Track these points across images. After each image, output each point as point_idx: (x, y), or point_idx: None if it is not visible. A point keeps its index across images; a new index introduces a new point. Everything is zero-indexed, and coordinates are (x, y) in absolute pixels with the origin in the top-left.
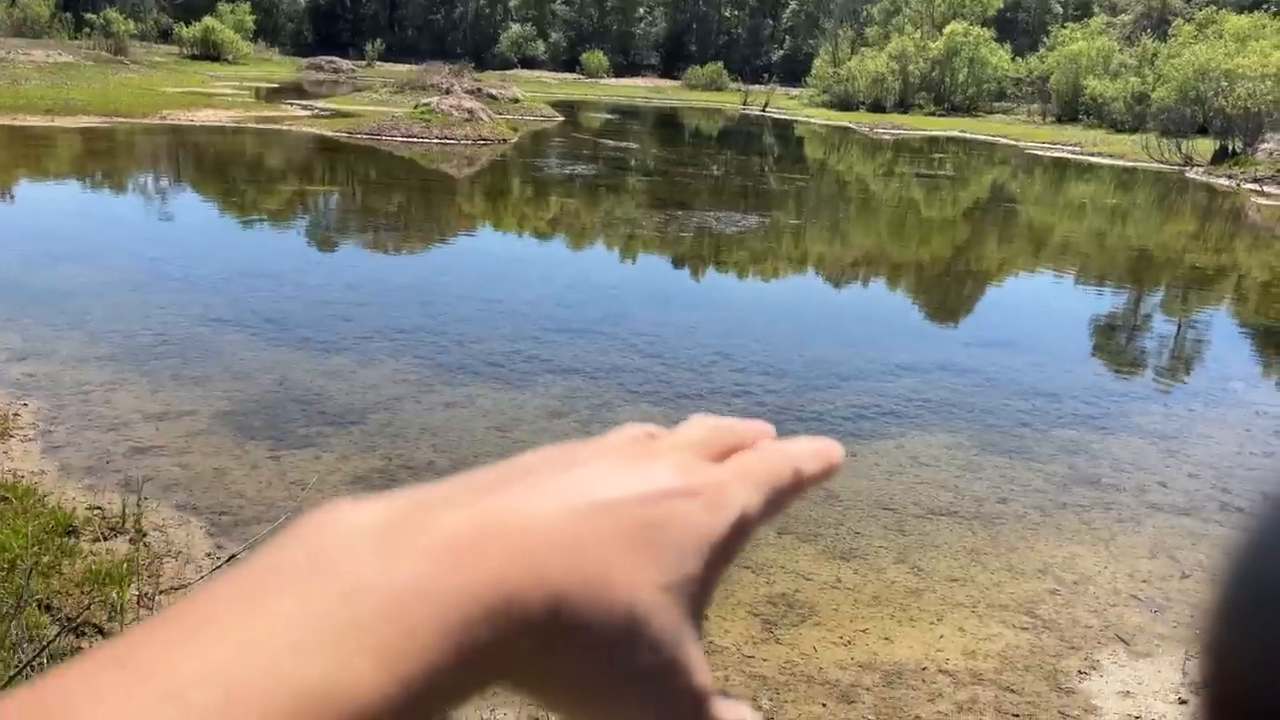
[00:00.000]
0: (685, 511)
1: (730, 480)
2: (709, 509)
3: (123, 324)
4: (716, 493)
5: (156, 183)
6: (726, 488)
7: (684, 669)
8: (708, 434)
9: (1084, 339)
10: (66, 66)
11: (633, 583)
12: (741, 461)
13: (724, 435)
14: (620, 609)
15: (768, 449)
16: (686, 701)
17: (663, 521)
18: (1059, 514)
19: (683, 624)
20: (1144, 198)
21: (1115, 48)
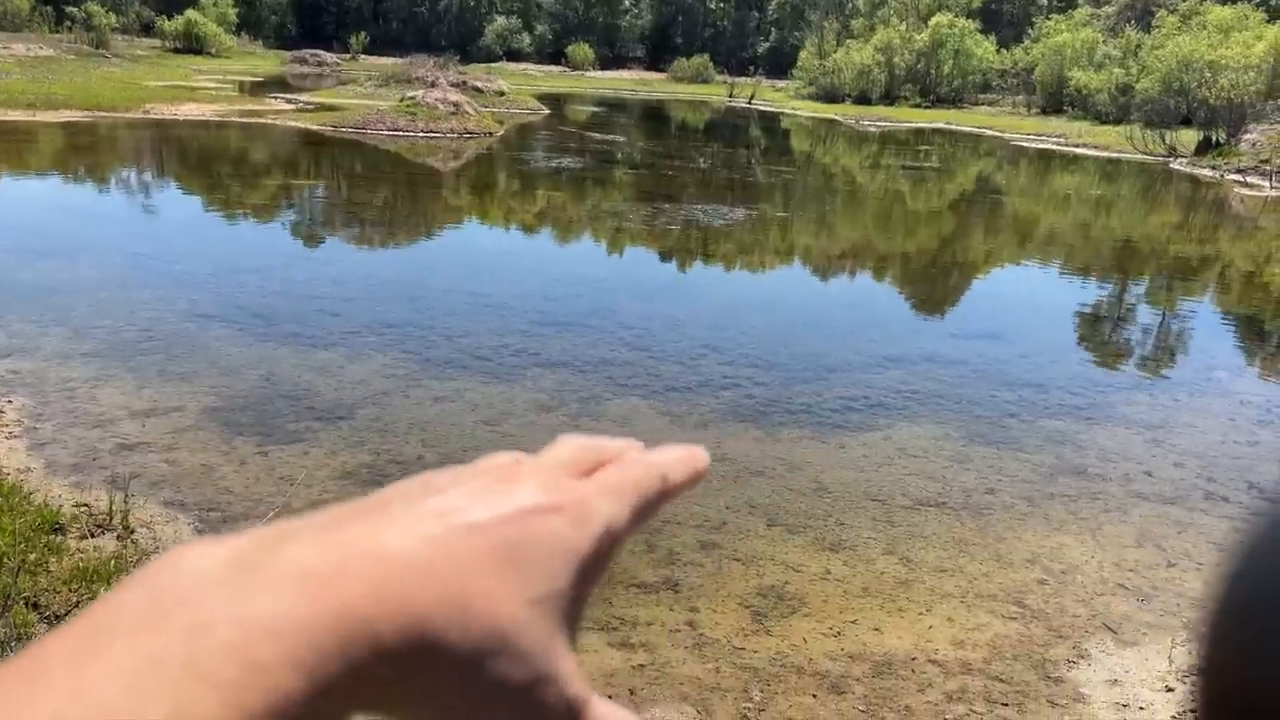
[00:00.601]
0: (549, 528)
1: (594, 494)
2: (574, 524)
3: (107, 320)
4: (580, 507)
5: (140, 178)
6: (590, 501)
7: (555, 680)
8: (575, 453)
9: (1069, 330)
10: (47, 60)
11: (494, 602)
12: (606, 476)
13: (591, 453)
14: (480, 629)
15: (632, 461)
16: (560, 711)
17: (525, 539)
18: (1046, 504)
19: (552, 637)
20: (1128, 189)
21: (1099, 39)
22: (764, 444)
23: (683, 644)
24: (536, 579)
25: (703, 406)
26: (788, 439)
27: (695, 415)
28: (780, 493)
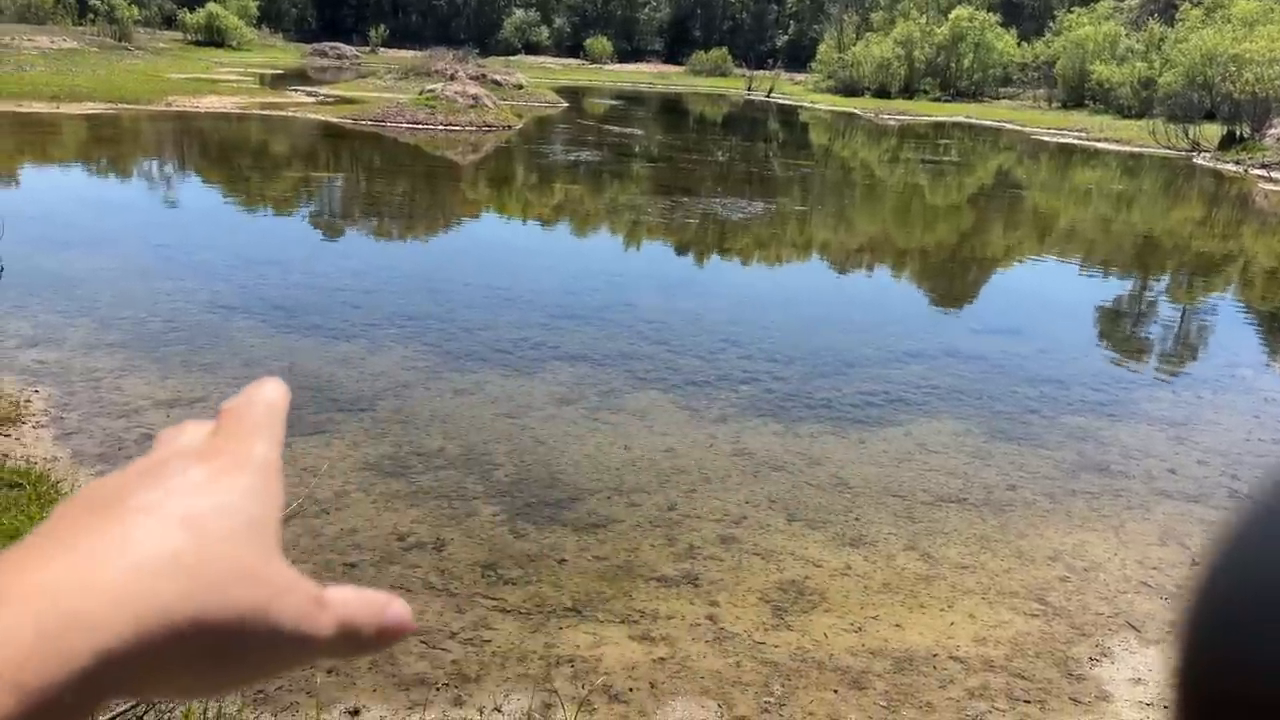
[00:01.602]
0: (240, 489)
1: (249, 438)
2: (257, 484)
3: (132, 311)
4: (246, 456)
5: (162, 170)
6: (247, 446)
7: (295, 590)
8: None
9: (1091, 325)
10: (71, 53)
11: (235, 565)
12: (237, 418)
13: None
14: (232, 596)
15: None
16: (309, 608)
17: (231, 507)
18: (1068, 501)
19: (280, 569)
20: (1150, 184)
21: (1122, 32)
22: (783, 439)
23: (703, 638)
24: (255, 533)
25: (721, 400)
26: (807, 434)
27: (714, 409)
28: (800, 488)
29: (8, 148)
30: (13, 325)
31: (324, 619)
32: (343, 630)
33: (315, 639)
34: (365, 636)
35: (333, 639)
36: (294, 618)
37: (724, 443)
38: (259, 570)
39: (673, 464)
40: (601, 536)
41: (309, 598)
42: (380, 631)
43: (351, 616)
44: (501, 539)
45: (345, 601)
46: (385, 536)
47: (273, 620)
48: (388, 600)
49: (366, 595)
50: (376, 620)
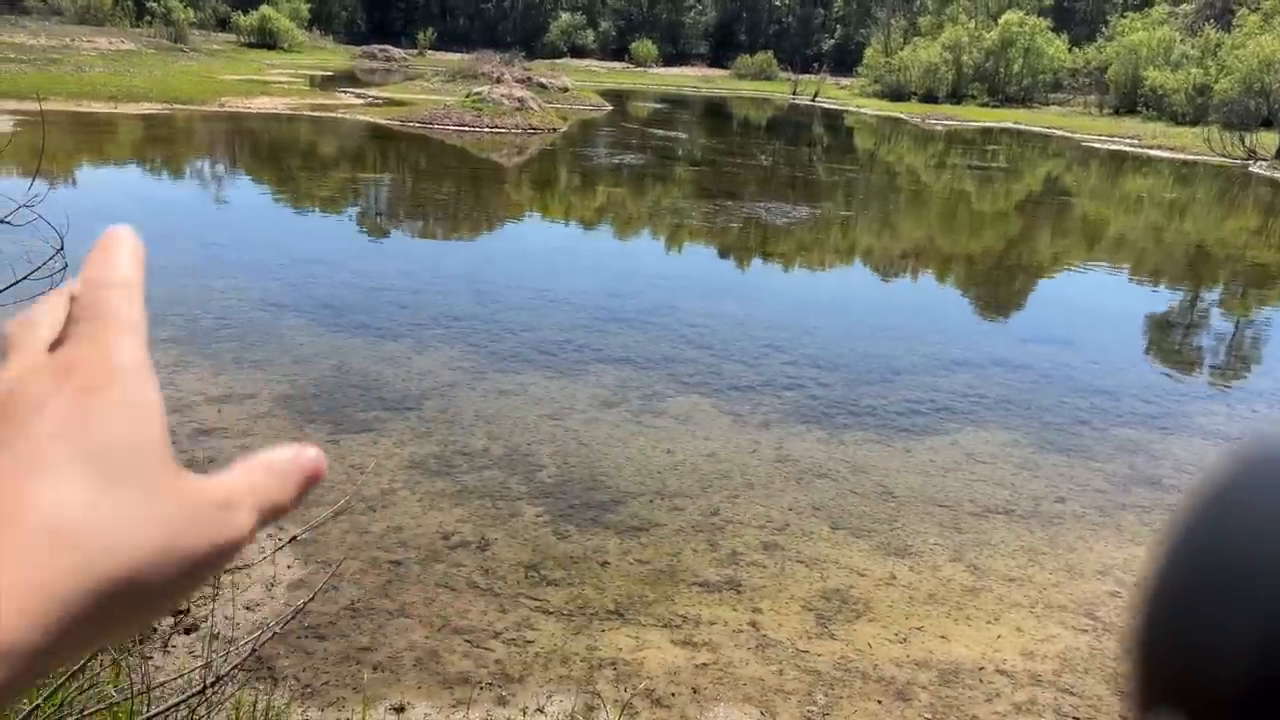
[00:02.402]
0: (128, 418)
1: (105, 339)
2: (130, 395)
3: (184, 307)
4: (106, 374)
5: (214, 169)
6: (108, 350)
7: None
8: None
9: (1142, 336)
10: (128, 54)
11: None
12: (91, 309)
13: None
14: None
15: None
16: (216, 523)
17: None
18: (1119, 514)
19: (184, 485)
20: (1204, 192)
21: (1177, 38)
22: (828, 446)
23: (746, 644)
24: (138, 461)
25: (765, 406)
26: (852, 441)
27: (758, 415)
28: (844, 496)
29: (68, 146)
30: None
31: (237, 519)
32: (262, 514)
33: (235, 540)
34: (287, 504)
35: (255, 527)
36: (206, 536)
37: (767, 448)
38: (153, 507)
39: (715, 469)
40: (644, 540)
41: (214, 507)
42: (300, 490)
43: (265, 497)
44: (545, 540)
45: (252, 486)
46: (431, 535)
47: (183, 550)
48: (295, 459)
49: (274, 464)
50: (293, 484)
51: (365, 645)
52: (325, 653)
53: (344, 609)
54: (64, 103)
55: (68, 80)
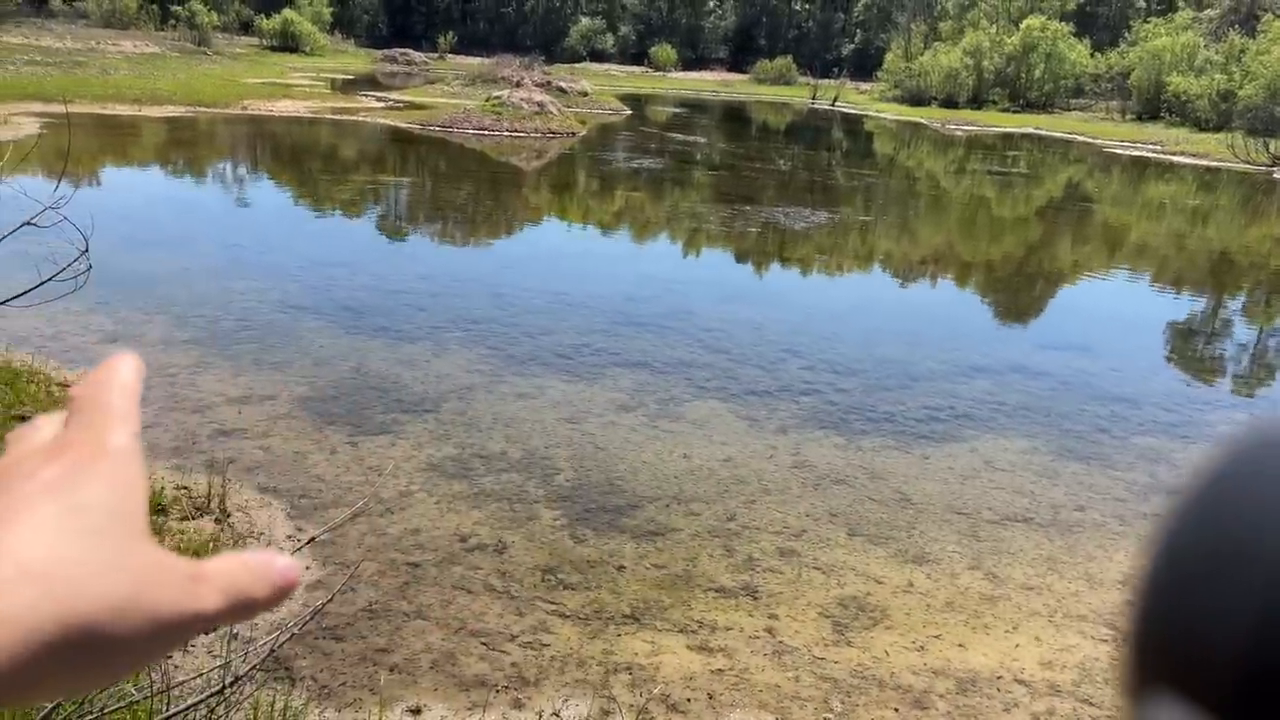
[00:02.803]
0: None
1: (99, 428)
2: (115, 470)
3: (206, 309)
4: (101, 453)
5: (236, 172)
6: (100, 435)
7: (167, 572)
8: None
9: (1163, 344)
10: (153, 57)
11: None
12: (89, 406)
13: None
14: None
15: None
16: (182, 580)
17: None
18: (1140, 524)
19: (155, 559)
20: (1227, 199)
21: (1201, 43)
22: (845, 452)
23: (762, 651)
24: (115, 524)
25: (782, 411)
26: (869, 448)
27: (775, 420)
28: (862, 502)
29: (93, 148)
30: (95, 320)
31: (204, 592)
32: (230, 599)
33: (200, 613)
34: (257, 599)
35: (221, 609)
36: (171, 599)
37: (784, 454)
38: (123, 561)
39: (732, 474)
40: (660, 545)
41: (183, 576)
42: (273, 593)
43: (235, 584)
44: (561, 544)
45: (225, 571)
46: (448, 537)
47: (148, 607)
48: (270, 561)
49: (249, 560)
50: (264, 583)
51: (382, 647)
52: (343, 654)
53: (361, 610)
54: (89, 105)
55: (93, 83)
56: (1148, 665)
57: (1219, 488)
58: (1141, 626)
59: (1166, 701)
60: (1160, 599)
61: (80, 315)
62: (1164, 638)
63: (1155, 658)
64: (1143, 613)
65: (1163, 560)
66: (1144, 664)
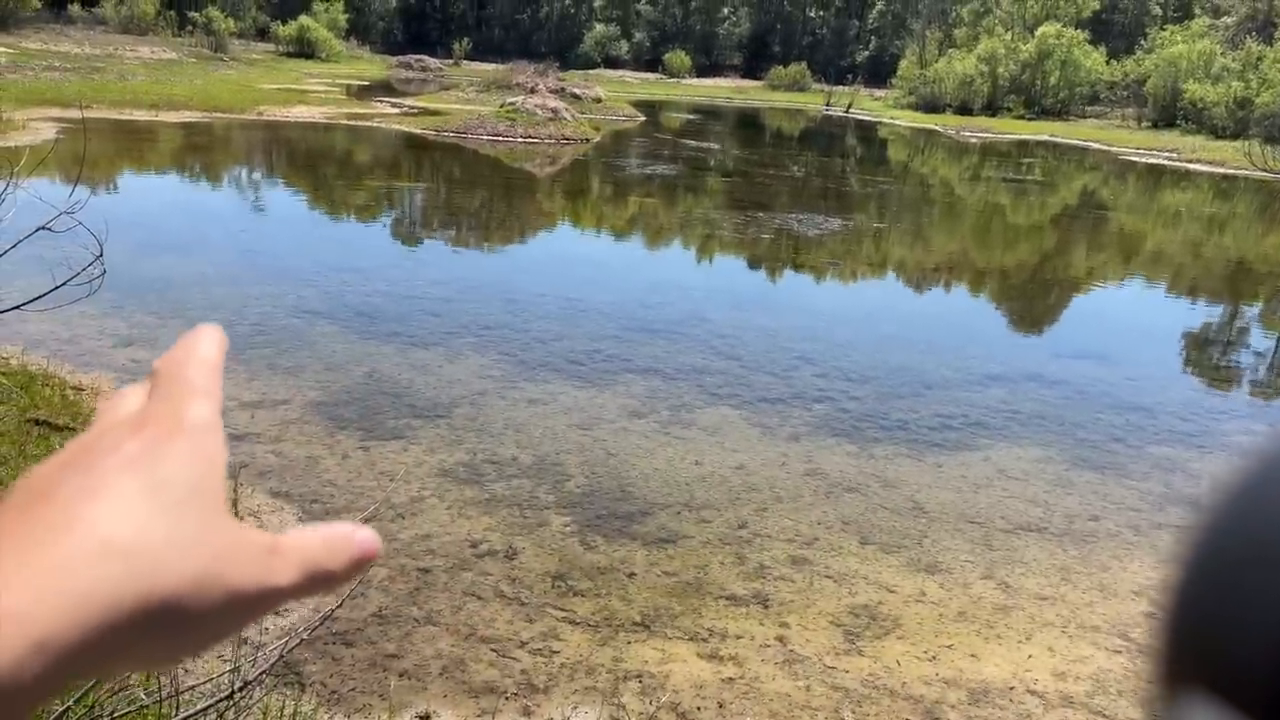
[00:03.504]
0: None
1: (180, 401)
2: (197, 445)
3: (221, 313)
4: (179, 426)
5: (251, 177)
6: (182, 409)
7: (248, 546)
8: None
9: (1179, 353)
10: (170, 63)
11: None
12: (171, 379)
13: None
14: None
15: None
16: (265, 551)
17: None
18: (1154, 534)
19: (235, 531)
20: (1244, 207)
21: (1217, 51)
22: (858, 460)
23: (773, 659)
24: (195, 498)
25: (794, 419)
26: (882, 456)
27: (787, 428)
28: (874, 510)
29: (109, 153)
30: (110, 325)
31: (281, 567)
32: (306, 573)
33: (277, 588)
34: (334, 572)
35: (298, 583)
36: (249, 574)
37: (796, 462)
38: (202, 536)
39: (744, 481)
40: (671, 552)
41: (261, 550)
42: (350, 565)
43: (312, 558)
44: (572, 550)
45: (303, 545)
46: (459, 543)
47: (226, 581)
48: (348, 534)
49: (327, 534)
50: (342, 556)
51: (392, 652)
52: (353, 659)
53: (372, 616)
54: (107, 110)
55: (111, 88)
56: (1181, 667)
57: (1250, 492)
58: (1174, 629)
59: (1199, 703)
60: (1192, 601)
61: (96, 319)
62: (1196, 640)
63: (1188, 659)
64: (1175, 615)
65: (1195, 563)
66: (1177, 666)
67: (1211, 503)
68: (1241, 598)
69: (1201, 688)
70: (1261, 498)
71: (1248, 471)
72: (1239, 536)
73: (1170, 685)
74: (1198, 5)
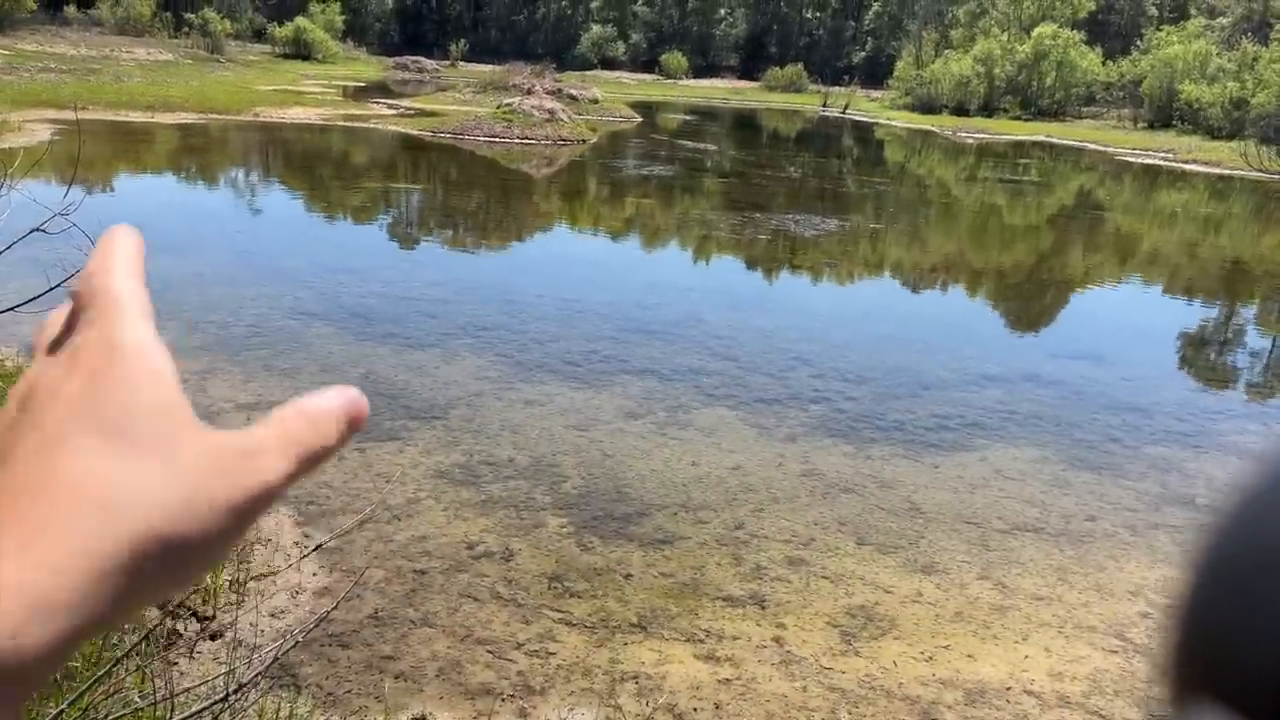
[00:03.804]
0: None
1: (108, 324)
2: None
3: (217, 315)
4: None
5: (247, 178)
6: (112, 333)
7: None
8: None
9: (1175, 353)
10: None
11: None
12: (92, 297)
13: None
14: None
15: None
16: (241, 471)
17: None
18: (1151, 534)
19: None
20: (1240, 207)
21: (1213, 51)
22: (854, 460)
23: (769, 660)
24: (154, 423)
25: (791, 420)
26: (879, 456)
27: (784, 428)
28: (871, 511)
29: (105, 154)
30: None
31: (266, 463)
32: (296, 458)
33: (268, 485)
34: (328, 446)
35: (291, 471)
36: (232, 483)
37: (793, 462)
38: (175, 459)
39: (740, 482)
40: (668, 553)
41: (239, 454)
42: (342, 434)
43: (298, 440)
44: (568, 551)
45: (284, 431)
46: (455, 544)
47: (210, 498)
48: (329, 403)
49: (307, 408)
50: (330, 427)
51: (388, 654)
52: (348, 661)
53: (368, 617)
54: (102, 112)
55: (106, 90)
56: (1191, 675)
57: (1260, 499)
58: (1184, 637)
59: (1209, 711)
60: (1202, 609)
61: None
62: (1206, 648)
63: (1197, 668)
64: (1185, 623)
65: (1204, 570)
66: (1187, 674)
67: (1221, 510)
68: (1251, 606)
69: (1211, 696)
70: (1271, 505)
71: (1257, 478)
72: (1248, 544)
73: (1180, 694)
74: (1193, 6)
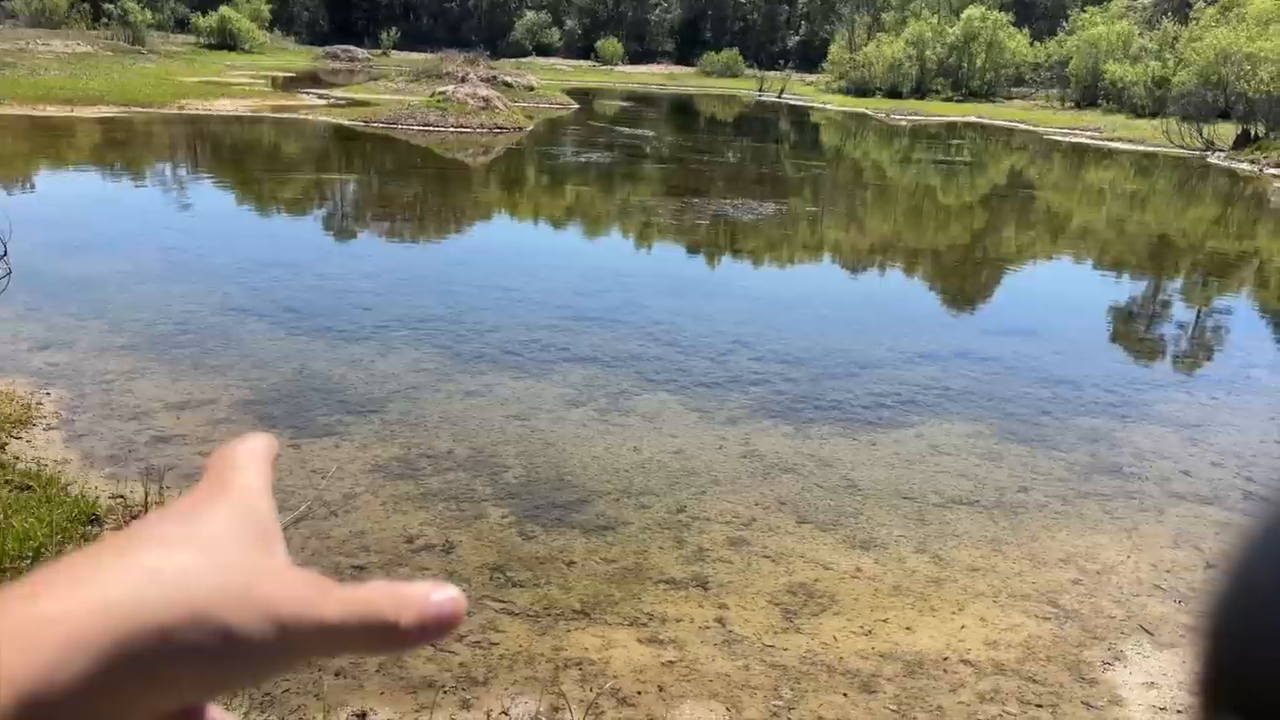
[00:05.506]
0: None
1: (228, 474)
2: (241, 504)
3: (143, 313)
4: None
5: (174, 172)
6: (229, 478)
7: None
8: None
9: (1104, 327)
10: (85, 56)
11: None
12: (221, 461)
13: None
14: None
15: None
16: (305, 597)
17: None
18: (1081, 503)
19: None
20: (1164, 183)
21: (1136, 31)
22: (794, 440)
23: (712, 641)
24: (242, 538)
25: (731, 402)
26: (818, 436)
27: (724, 411)
28: (810, 490)
29: (22, 151)
30: (25, 328)
31: (328, 602)
32: (357, 617)
33: (321, 620)
34: (395, 625)
35: (349, 624)
36: (289, 597)
37: (734, 444)
38: (238, 562)
39: (682, 466)
40: (610, 539)
41: (307, 582)
42: (420, 621)
43: (366, 602)
44: (510, 541)
45: (362, 590)
46: (394, 538)
47: (267, 603)
48: (422, 590)
49: (397, 585)
50: (409, 610)
51: None
52: None
53: None
54: (18, 107)
55: (22, 84)
56: (1217, 695)
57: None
58: (1212, 654)
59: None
60: (1229, 630)
61: (10, 322)
62: (1233, 668)
63: (1225, 688)
64: (1212, 643)
65: (1233, 590)
66: (1214, 694)
67: (1251, 528)
68: (1277, 628)
69: (1238, 716)
70: None
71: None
72: (1274, 566)
73: (1208, 712)
74: None
